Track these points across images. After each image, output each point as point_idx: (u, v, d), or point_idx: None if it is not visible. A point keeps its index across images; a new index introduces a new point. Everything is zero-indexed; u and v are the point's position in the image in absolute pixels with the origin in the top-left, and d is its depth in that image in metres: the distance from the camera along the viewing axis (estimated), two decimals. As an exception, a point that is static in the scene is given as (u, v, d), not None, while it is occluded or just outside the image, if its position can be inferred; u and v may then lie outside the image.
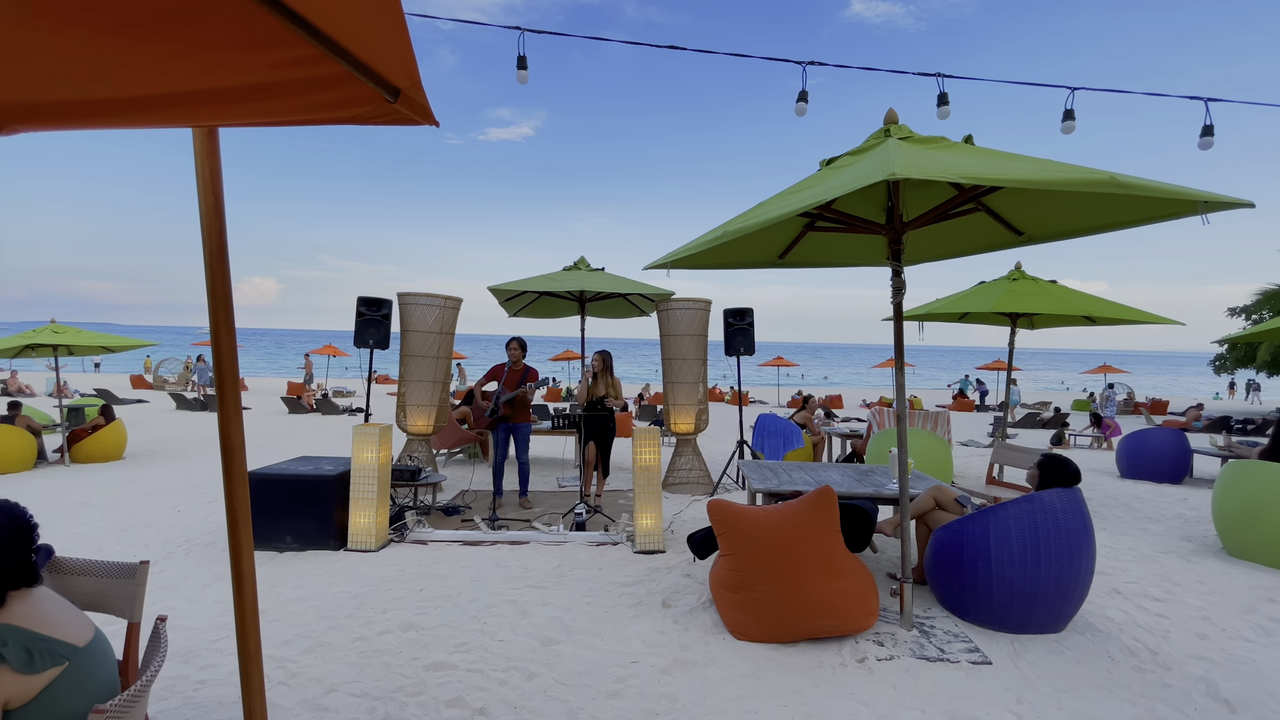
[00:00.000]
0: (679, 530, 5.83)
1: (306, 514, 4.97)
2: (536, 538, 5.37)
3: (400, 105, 1.25)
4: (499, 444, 6.44)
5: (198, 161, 1.68)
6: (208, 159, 1.68)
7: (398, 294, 7.31)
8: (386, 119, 1.29)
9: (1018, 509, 3.65)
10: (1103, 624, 3.87)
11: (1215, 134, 6.50)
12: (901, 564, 3.71)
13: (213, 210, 1.69)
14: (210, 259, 1.70)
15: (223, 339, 1.76)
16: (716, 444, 12.46)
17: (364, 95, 1.23)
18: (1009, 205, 3.94)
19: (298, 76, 1.20)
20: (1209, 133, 6.49)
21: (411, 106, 1.27)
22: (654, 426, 5.44)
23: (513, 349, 6.43)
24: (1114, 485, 8.72)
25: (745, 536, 3.55)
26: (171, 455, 9.96)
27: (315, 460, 5.66)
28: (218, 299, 1.72)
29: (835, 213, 3.93)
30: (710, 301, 7.75)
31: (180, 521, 5.85)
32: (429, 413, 7.42)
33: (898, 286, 3.66)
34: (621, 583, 4.40)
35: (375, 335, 6.49)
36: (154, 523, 5.79)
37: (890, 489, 4.63)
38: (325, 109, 1.27)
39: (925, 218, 3.69)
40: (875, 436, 7.53)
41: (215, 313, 1.73)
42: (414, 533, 5.40)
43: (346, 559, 4.80)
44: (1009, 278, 7.79)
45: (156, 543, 5.16)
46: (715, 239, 3.40)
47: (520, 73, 5.91)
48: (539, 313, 9.73)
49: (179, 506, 6.42)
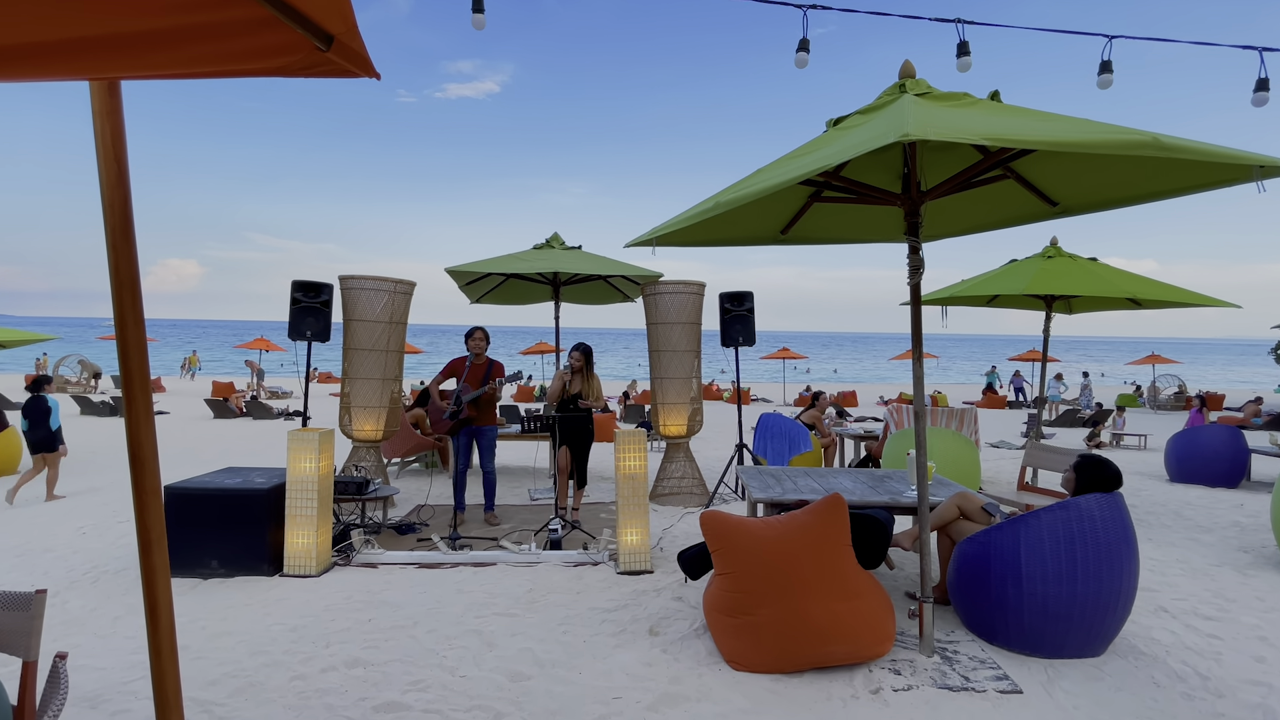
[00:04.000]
0: (669, 547, 5.86)
1: (234, 534, 4.96)
2: (504, 558, 5.39)
3: (334, 54, 1.24)
4: (460, 451, 6.43)
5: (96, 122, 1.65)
6: (108, 119, 1.65)
7: (340, 277, 7.29)
8: (318, 70, 1.28)
9: (1052, 518, 3.68)
10: (1147, 646, 3.94)
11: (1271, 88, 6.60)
12: (921, 581, 3.73)
13: (115, 179, 1.66)
14: (113, 236, 1.68)
15: (129, 330, 1.73)
16: (712, 448, 12.53)
17: (290, 42, 1.21)
18: (1042, 171, 3.97)
19: (213, 19, 1.18)
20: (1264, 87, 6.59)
21: (347, 55, 1.26)
22: (640, 429, 5.49)
23: (475, 340, 6.43)
24: (1161, 490, 8.89)
25: (744, 553, 3.56)
26: (76, 468, 9.81)
27: (244, 472, 5.65)
28: (122, 282, 1.70)
29: (844, 180, 3.94)
30: (704, 284, 7.78)
31: (86, 545, 5.79)
32: (378, 415, 7.42)
33: (915, 265, 3.66)
34: (603, 608, 4.42)
35: (313, 326, 6.46)
36: (54, 547, 5.73)
37: (908, 497, 4.66)
38: (246, 58, 1.26)
39: (946, 186, 3.70)
40: (892, 438, 7.60)
41: (120, 298, 1.71)
42: (361, 554, 5.41)
43: (282, 586, 4.79)
44: (1043, 255, 7.86)
45: (58, 570, 5.11)
46: (707, 211, 3.41)
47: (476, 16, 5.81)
48: (506, 298, 9.73)
49: (84, 528, 6.35)
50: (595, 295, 9.80)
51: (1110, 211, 4.08)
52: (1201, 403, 13.58)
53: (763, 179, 3.29)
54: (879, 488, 4.96)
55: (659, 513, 7.18)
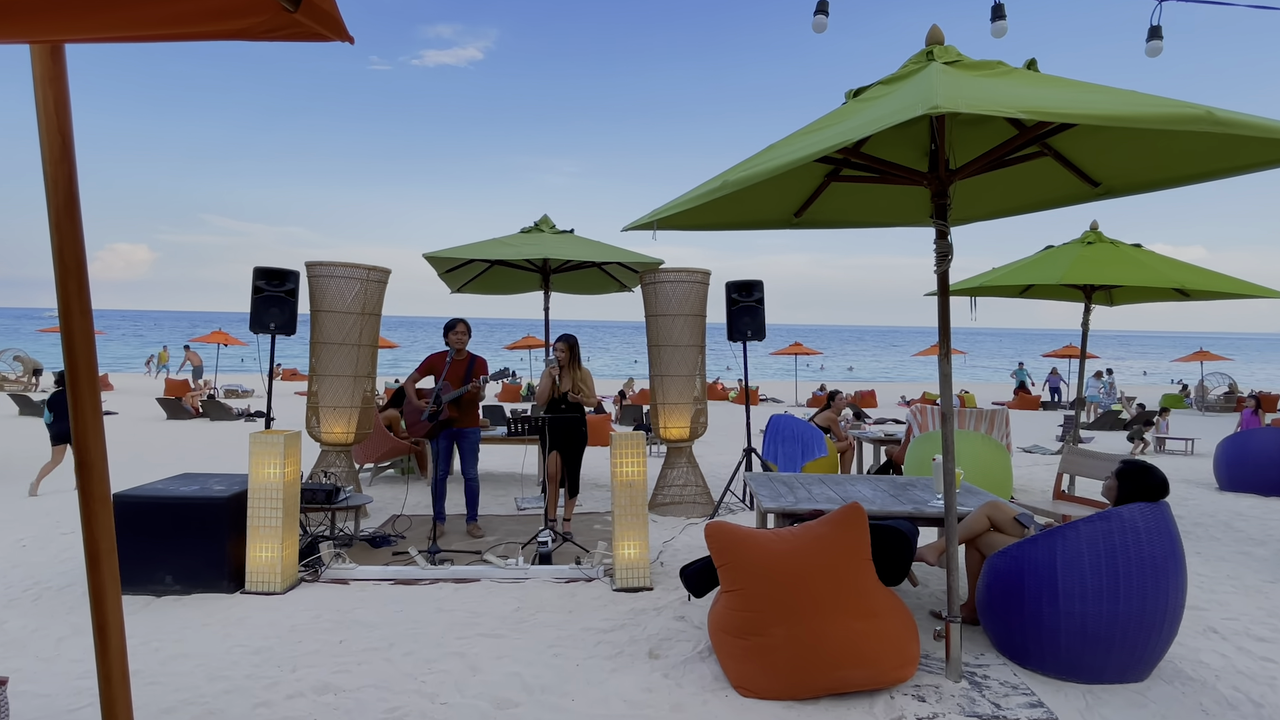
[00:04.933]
0: (670, 561, 5.87)
1: (191, 547, 4.95)
2: (489, 574, 5.40)
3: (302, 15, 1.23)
4: (440, 456, 6.42)
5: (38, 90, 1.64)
6: (50, 86, 1.64)
7: (307, 264, 7.29)
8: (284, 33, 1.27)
9: (1091, 529, 3.69)
10: (1195, 670, 3.95)
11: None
12: (948, 599, 3.73)
13: (58, 154, 1.66)
14: (57, 217, 1.67)
15: (75, 321, 1.73)
16: (718, 453, 12.55)
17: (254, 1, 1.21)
18: (1083, 148, 3.98)
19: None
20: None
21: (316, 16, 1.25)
22: (639, 432, 5.49)
23: (456, 334, 6.43)
24: (1210, 499, 8.92)
25: (753, 568, 3.55)
26: (14, 473, 9.79)
27: (202, 478, 5.64)
28: (68, 269, 1.69)
29: (864, 157, 3.94)
30: (709, 272, 7.78)
31: (27, 559, 5.78)
32: (348, 416, 7.41)
33: (943, 252, 3.67)
34: (598, 628, 4.43)
35: (278, 317, 6.44)
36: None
37: (934, 506, 4.67)
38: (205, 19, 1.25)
39: (977, 164, 3.70)
40: (916, 441, 7.62)
41: (65, 286, 1.70)
42: (331, 569, 5.42)
43: (244, 604, 4.79)
44: (1082, 241, 7.87)
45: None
46: (713, 191, 3.40)
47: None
48: (490, 288, 9.71)
49: (25, 540, 6.34)
50: (589, 284, 9.78)
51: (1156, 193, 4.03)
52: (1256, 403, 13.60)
53: (775, 156, 3.28)
54: (901, 496, 4.98)
55: (659, 524, 7.19)
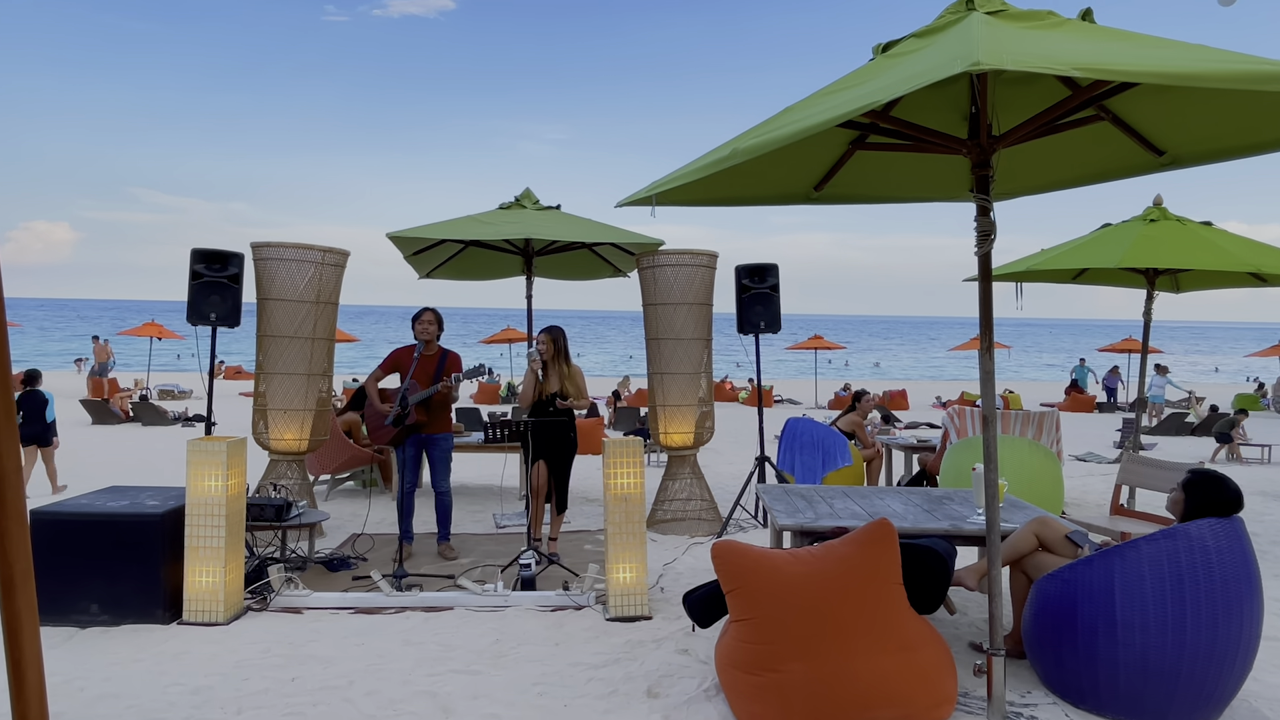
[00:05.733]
0: (672, 587, 5.87)
1: (121, 571, 4.93)
2: (464, 601, 5.40)
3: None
4: (407, 466, 6.39)
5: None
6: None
7: (253, 245, 7.24)
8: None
9: (1154, 549, 3.67)
10: (1273, 710, 3.94)
11: None
12: (990, 629, 3.71)
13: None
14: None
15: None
16: (726, 462, 12.56)
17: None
18: (1146, 111, 3.95)
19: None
20: None
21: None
22: (635, 438, 5.47)
23: (424, 325, 6.41)
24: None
25: (767, 594, 3.53)
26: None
27: (133, 492, 5.61)
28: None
29: (895, 122, 3.91)
30: (716, 255, 7.77)
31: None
32: (301, 421, 7.36)
33: (985, 231, 3.63)
34: (589, 664, 4.42)
35: (219, 307, 6.41)
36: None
37: (974, 523, 4.67)
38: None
39: (1024, 129, 3.68)
40: (952, 449, 7.63)
41: (-28, 271, 1.68)
42: (282, 596, 5.40)
43: (182, 636, 4.77)
44: (1144, 219, 7.84)
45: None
46: (722, 161, 3.38)
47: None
48: (465, 272, 9.71)
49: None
50: (578, 268, 9.77)
51: (1230, 163, 4.06)
52: None
53: (793, 120, 3.25)
54: (937, 512, 4.99)
55: (659, 543, 7.18)
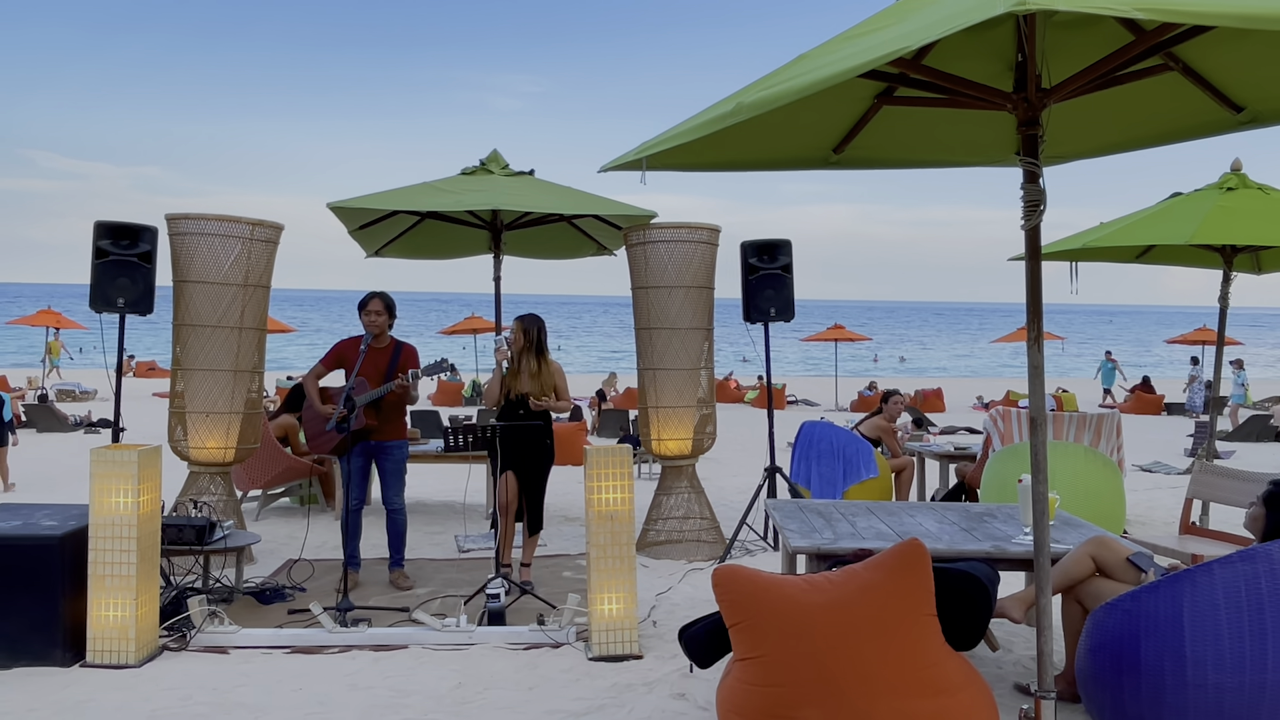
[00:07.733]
0: (666, 620, 5.75)
1: (12, 604, 4.84)
2: (421, 638, 5.29)
3: None
4: (353, 479, 6.27)
5: None
6: None
7: (168, 217, 7.14)
8: None
9: (1229, 573, 3.62)
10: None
11: None
12: (1038, 668, 3.56)
13: None
14: None
15: None
16: (730, 473, 12.53)
17: None
18: (1221, 60, 3.81)
19: None
20: None
21: None
22: (624, 445, 5.43)
23: (373, 313, 6.23)
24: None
25: (778, 628, 3.44)
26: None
27: (26, 510, 5.47)
28: None
29: (928, 72, 3.77)
30: (718, 230, 7.65)
31: None
32: (227, 426, 7.19)
33: (1034, 200, 3.54)
34: (568, 711, 4.31)
35: (129, 290, 6.40)
36: None
37: (1020, 544, 4.62)
38: None
39: (1080, 81, 3.54)
40: (996, 457, 7.57)
41: None
42: (205, 634, 5.24)
43: (85, 680, 4.64)
44: (1220, 186, 7.77)
45: None
46: (725, 117, 3.20)
47: None
48: (421, 249, 9.63)
49: None
50: (555, 245, 9.72)
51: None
52: None
53: (808, 69, 3.10)
54: (977, 531, 4.95)
55: (651, 569, 7.06)
